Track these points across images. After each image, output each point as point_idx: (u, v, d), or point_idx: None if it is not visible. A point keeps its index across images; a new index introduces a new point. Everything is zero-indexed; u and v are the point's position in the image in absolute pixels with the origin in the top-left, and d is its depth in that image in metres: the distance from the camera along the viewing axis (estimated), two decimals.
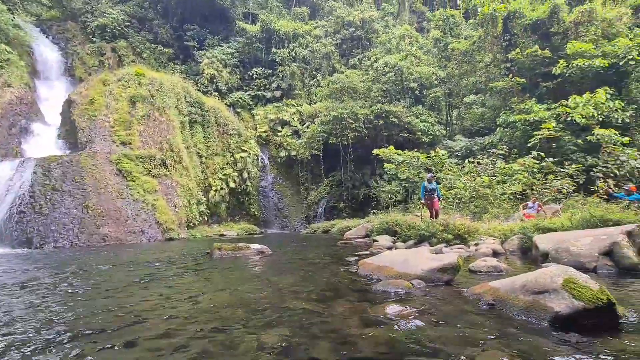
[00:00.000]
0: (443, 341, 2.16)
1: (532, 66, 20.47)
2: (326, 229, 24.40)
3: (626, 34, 18.66)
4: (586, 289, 2.57)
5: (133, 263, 7.51)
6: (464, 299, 3.27)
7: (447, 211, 14.04)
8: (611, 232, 5.32)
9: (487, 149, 20.64)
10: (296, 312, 2.92)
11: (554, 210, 11.50)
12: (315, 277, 4.80)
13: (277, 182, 36.96)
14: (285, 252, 9.47)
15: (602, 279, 4.46)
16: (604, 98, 15.98)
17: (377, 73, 29.85)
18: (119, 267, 6.87)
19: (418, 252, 4.86)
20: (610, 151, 14.89)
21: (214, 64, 39.08)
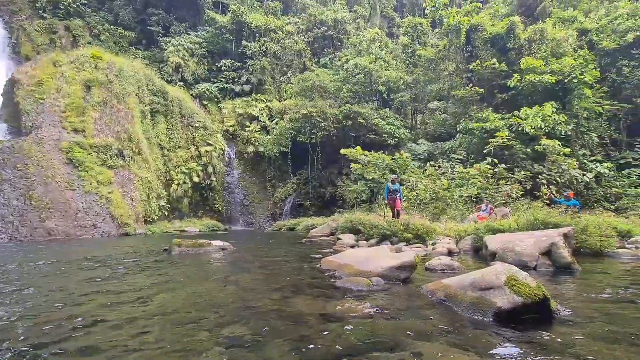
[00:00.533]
0: (396, 336, 2.26)
1: (490, 78, 21.85)
2: (292, 227, 24.36)
3: (571, 54, 20.51)
4: (525, 285, 2.80)
5: (80, 260, 7.02)
6: (418, 295, 3.44)
7: (408, 212, 14.60)
8: (550, 234, 5.84)
9: (448, 153, 21.72)
10: (254, 310, 2.90)
11: (504, 213, 12.39)
12: (277, 275, 4.79)
13: (244, 178, 36.24)
14: (249, 249, 9.34)
15: (541, 276, 4.89)
16: (550, 111, 17.46)
17: (348, 74, 30.27)
18: (63, 265, 6.38)
19: (378, 250, 5.02)
20: (554, 160, 16.33)
21: (180, 53, 37.37)
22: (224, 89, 38.88)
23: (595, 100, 20.55)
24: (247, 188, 36.11)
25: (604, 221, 7.87)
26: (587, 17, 24.76)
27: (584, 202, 16.21)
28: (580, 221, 7.48)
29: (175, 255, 7.27)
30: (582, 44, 22.52)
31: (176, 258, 6.88)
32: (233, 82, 39.29)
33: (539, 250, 5.59)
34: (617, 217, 12.34)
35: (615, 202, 17.26)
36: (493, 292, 2.83)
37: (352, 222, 10.84)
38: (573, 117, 19.07)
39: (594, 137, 20.12)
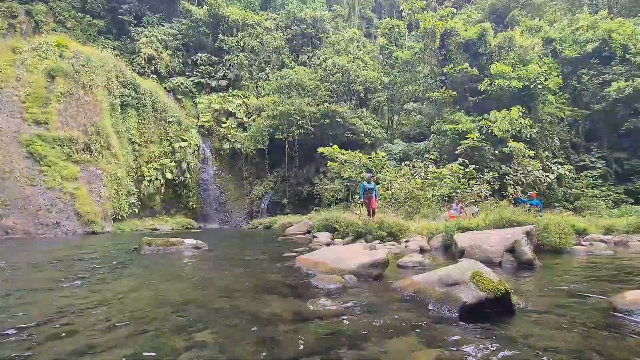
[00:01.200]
0: (365, 332, 2.31)
1: (462, 81, 22.65)
2: (268, 225, 24.18)
3: (537, 62, 21.67)
4: (489, 281, 2.94)
5: (39, 260, 6.63)
6: (389, 292, 3.53)
7: (383, 210, 14.87)
8: (514, 232, 6.17)
9: (422, 153, 22.35)
10: (225, 310, 2.87)
11: (473, 211, 12.91)
12: (251, 274, 4.76)
13: (219, 175, 35.52)
14: (223, 247, 9.19)
15: (505, 272, 5.15)
16: (517, 115, 18.38)
17: (326, 73, 30.36)
18: (18, 266, 6.01)
19: (352, 248, 5.10)
20: (520, 162, 17.22)
21: (154, 44, 35.99)
22: (200, 83, 37.87)
23: (557, 106, 21.86)
24: (223, 185, 35.42)
25: (563, 220, 8.39)
26: (551, 27, 26.24)
27: (546, 202, 17.23)
28: (542, 220, 7.95)
29: (144, 255, 7.02)
30: (546, 52, 23.84)
31: (145, 257, 6.65)
32: (209, 76, 38.34)
33: (504, 247, 5.88)
34: (575, 216, 13.22)
35: (574, 202, 18.46)
36: (459, 288, 2.95)
37: (328, 221, 10.93)
38: (538, 121, 20.18)
39: (556, 140, 21.41)
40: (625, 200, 19.11)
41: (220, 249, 8.66)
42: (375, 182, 12.69)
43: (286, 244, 9.84)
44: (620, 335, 2.30)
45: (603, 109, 21.88)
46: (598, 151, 22.12)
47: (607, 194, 19.38)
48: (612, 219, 13.00)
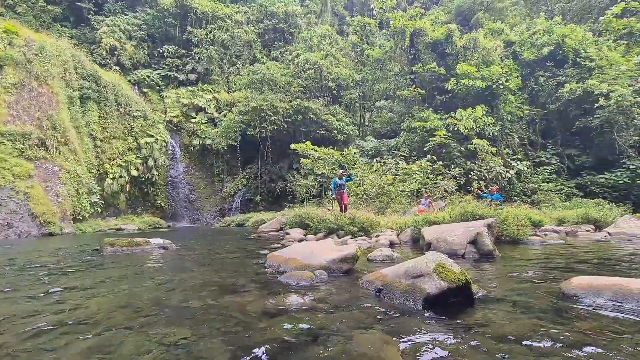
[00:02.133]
0: (333, 327, 2.35)
1: (430, 80, 23.40)
2: (241, 222, 23.84)
3: (498, 63, 22.83)
4: (451, 272, 3.08)
5: None
6: (358, 286, 3.61)
7: (356, 206, 15.12)
8: (477, 225, 6.49)
9: (393, 150, 22.90)
10: (194, 310, 2.81)
11: (441, 206, 13.45)
12: (221, 272, 4.68)
13: (189, 172, 34.43)
14: (193, 246, 8.94)
15: (467, 263, 5.43)
16: (480, 114, 19.30)
17: (298, 68, 30.21)
18: None
19: (323, 243, 5.15)
20: (483, 158, 18.12)
21: (116, 34, 34.07)
22: (167, 76, 36.38)
23: (517, 105, 23.19)
24: (193, 183, 34.39)
25: (520, 213, 8.96)
26: (512, 31, 27.70)
27: (507, 196, 18.30)
28: (502, 213, 8.43)
29: (106, 256, 6.68)
30: (507, 54, 25.16)
31: (108, 259, 6.33)
32: (177, 70, 36.93)
33: (467, 239, 6.18)
34: (532, 209, 14.14)
35: (531, 195, 19.73)
36: (423, 279, 3.07)
37: (300, 217, 10.95)
38: (499, 120, 21.30)
39: (516, 138, 22.73)
40: (576, 193, 20.70)
41: (189, 248, 8.42)
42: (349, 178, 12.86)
43: (258, 242, 9.75)
44: (566, 318, 2.50)
45: (557, 109, 23.49)
46: (553, 148, 23.77)
47: (560, 188, 20.89)
48: (564, 211, 14.06)
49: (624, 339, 2.07)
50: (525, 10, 35.67)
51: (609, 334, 2.16)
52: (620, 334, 2.14)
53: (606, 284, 3.03)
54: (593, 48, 24.17)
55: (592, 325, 2.31)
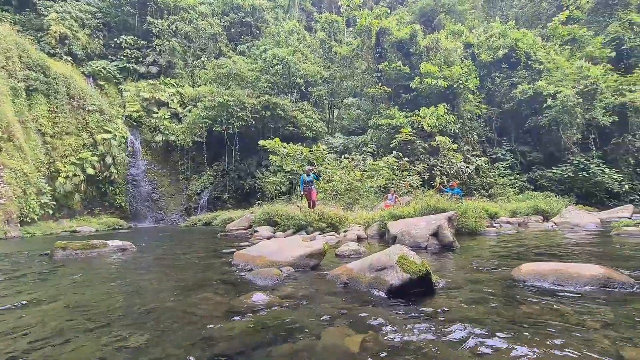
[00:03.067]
0: (298, 322, 2.37)
1: (396, 78, 24.06)
2: (208, 221, 23.20)
3: (459, 64, 23.95)
4: (412, 263, 3.22)
5: None
6: (325, 281, 3.66)
7: (325, 202, 15.24)
8: (438, 218, 6.81)
9: (361, 147, 23.32)
10: (152, 313, 2.71)
11: (406, 201, 13.92)
12: (184, 273, 4.54)
13: (152, 170, 32.84)
14: (155, 247, 8.57)
15: (430, 254, 5.69)
16: (443, 112, 20.17)
17: (266, 64, 29.77)
18: None
19: (291, 240, 5.16)
20: (445, 154, 18.97)
21: (67, 22, 31.55)
22: (126, 69, 34.33)
23: (475, 104, 24.50)
24: (156, 181, 32.86)
25: (478, 206, 9.51)
26: (471, 33, 29.13)
27: (467, 190, 19.33)
28: (462, 206, 8.91)
29: (58, 260, 6.21)
30: (467, 55, 26.45)
31: (59, 263, 5.90)
32: (137, 62, 34.95)
33: (430, 232, 6.47)
34: (489, 202, 15.07)
35: (489, 189, 21.00)
36: (387, 272, 3.18)
37: (269, 214, 10.86)
38: (460, 118, 22.41)
39: (475, 135, 24.03)
40: (528, 187, 22.34)
41: (152, 249, 8.07)
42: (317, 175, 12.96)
43: (226, 240, 9.55)
44: (515, 301, 2.71)
45: (511, 108, 25.13)
46: (507, 145, 25.43)
47: (514, 182, 22.44)
48: (517, 204, 15.14)
49: (564, 317, 2.29)
50: (483, 14, 37.69)
51: (551, 313, 2.37)
52: (561, 313, 2.36)
53: (550, 270, 3.31)
54: (542, 52, 26.07)
55: (536, 306, 2.53)
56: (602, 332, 2.00)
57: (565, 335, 1.99)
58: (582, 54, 26.54)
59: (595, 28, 29.39)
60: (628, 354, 1.70)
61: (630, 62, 26.97)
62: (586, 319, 2.23)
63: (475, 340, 1.96)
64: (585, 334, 1.98)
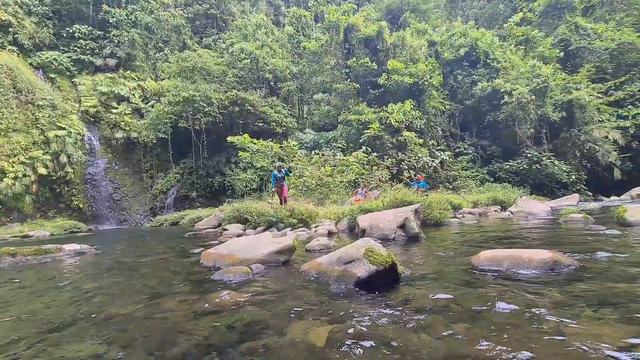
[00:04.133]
0: (267, 318, 2.37)
1: (364, 74, 24.41)
2: (175, 221, 22.39)
3: (423, 61, 24.73)
4: (379, 255, 3.31)
5: None
6: (294, 276, 3.67)
7: (296, 198, 15.23)
8: (405, 210, 7.05)
9: (331, 142, 23.49)
10: (112, 319, 2.58)
11: (376, 195, 14.25)
12: (148, 275, 4.36)
13: (112, 169, 31.05)
14: (118, 250, 8.15)
15: (397, 246, 5.87)
16: (409, 108, 20.78)
17: (233, 58, 29.01)
18: None
19: (260, 237, 5.12)
20: (412, 149, 19.59)
21: (10, 8, 28.88)
22: (80, 61, 32.07)
23: (440, 100, 25.47)
24: (117, 180, 31.14)
25: (443, 198, 9.95)
26: (434, 31, 30.14)
27: (432, 183, 20.12)
28: (427, 198, 9.27)
29: (5, 268, 5.73)
30: (431, 53, 27.36)
31: (7, 272, 5.44)
32: (92, 53, 32.74)
33: (397, 224, 6.68)
34: (453, 194, 15.80)
35: (453, 182, 22.00)
36: (354, 264, 3.25)
37: (239, 211, 10.67)
38: (425, 114, 23.21)
39: (439, 130, 25.01)
40: (488, 179, 23.67)
41: (113, 252, 7.66)
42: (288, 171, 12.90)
43: (194, 240, 9.27)
44: (473, 288, 2.88)
45: (472, 104, 26.40)
46: (469, 140, 26.74)
47: (475, 175, 23.68)
48: (478, 195, 16.00)
49: (516, 298, 2.47)
50: (446, 14, 39.13)
51: (505, 296, 2.55)
52: (513, 295, 2.55)
53: (505, 255, 3.55)
54: (499, 51, 27.56)
55: (492, 291, 2.70)
56: (550, 311, 2.18)
57: (517, 315, 2.15)
58: (535, 53, 28.38)
59: (545, 30, 31.52)
60: (572, 329, 1.88)
61: (575, 62, 29.27)
62: (536, 300, 2.42)
63: (437, 326, 2.07)
64: (536, 313, 2.16)
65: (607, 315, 2.06)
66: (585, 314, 2.09)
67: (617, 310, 2.13)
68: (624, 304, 2.22)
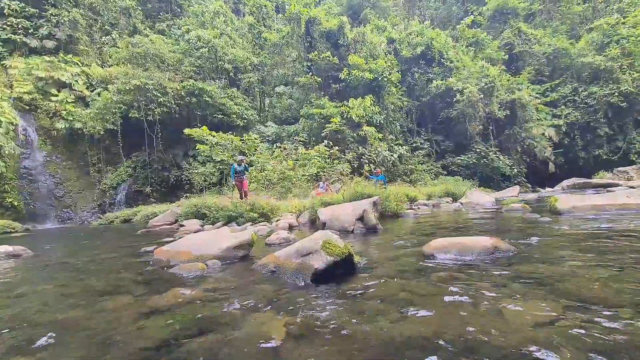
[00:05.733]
0: (221, 314, 2.32)
1: (326, 69, 24.50)
2: (127, 218, 21.05)
3: (383, 57, 25.38)
4: (336, 246, 3.38)
5: None
6: (252, 271, 3.63)
7: (258, 192, 15.01)
8: (364, 203, 7.25)
9: (293, 136, 23.37)
10: (50, 326, 2.37)
11: (337, 188, 14.48)
12: (94, 276, 4.06)
13: (53, 162, 28.29)
14: (59, 250, 7.49)
15: (355, 237, 6.04)
16: (369, 103, 21.26)
17: (190, 46, 27.60)
18: None
19: (218, 232, 4.98)
20: (372, 143, 20.12)
21: None
22: (11, 41, 28.60)
23: (398, 97, 26.37)
24: (59, 175, 28.45)
25: (400, 191, 10.37)
26: (393, 29, 30.99)
27: (391, 177, 20.88)
28: (385, 191, 9.61)
29: None
30: (390, 50, 28.14)
31: None
32: (26, 33, 29.30)
33: (356, 216, 6.86)
34: (410, 187, 16.53)
35: (410, 175, 23.00)
36: (312, 256, 3.29)
37: (196, 207, 10.29)
38: (384, 109, 23.91)
39: (398, 126, 25.94)
40: (442, 172, 25.09)
41: (53, 253, 7.02)
42: (249, 165, 12.63)
43: (147, 237, 8.77)
44: (424, 274, 3.05)
45: (428, 101, 27.67)
46: (425, 135, 28.06)
47: (430, 169, 24.97)
48: (432, 188, 16.91)
49: (460, 282, 2.67)
50: (405, 12, 40.37)
51: (451, 280, 2.74)
52: (458, 279, 2.75)
53: (452, 243, 3.80)
54: (452, 51, 29.06)
55: (440, 276, 2.89)
56: (490, 292, 2.39)
57: (461, 297, 2.33)
58: (483, 55, 30.35)
59: (493, 33, 33.79)
60: (507, 307, 2.07)
61: (518, 64, 31.79)
62: (478, 282, 2.63)
63: (389, 311, 2.17)
64: (478, 294, 2.35)
65: (536, 293, 2.30)
66: (519, 293, 2.32)
67: (544, 288, 2.38)
68: (550, 284, 2.49)
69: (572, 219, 6.12)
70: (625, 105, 27.19)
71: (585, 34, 31.68)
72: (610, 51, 27.79)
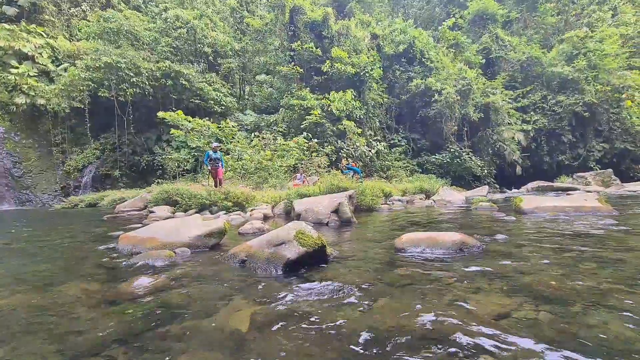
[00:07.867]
0: (188, 303, 2.25)
1: (309, 59, 24.21)
2: (93, 202, 20.05)
3: (366, 53, 25.41)
4: (309, 237, 3.38)
5: None
6: (222, 260, 3.56)
7: (234, 181, 14.74)
8: (339, 196, 7.29)
9: (272, 126, 23.03)
10: (8, 313, 2.22)
11: (314, 181, 14.48)
12: (52, 262, 3.83)
13: (11, 140, 26.42)
14: (14, 234, 7.00)
15: (330, 229, 6.07)
16: (350, 97, 21.29)
17: (167, 25, 26.34)
18: None
19: (189, 220, 4.84)
20: (351, 138, 20.22)
21: None
22: None
23: (379, 93, 26.56)
24: (18, 153, 26.66)
25: (375, 185, 10.51)
26: (377, 25, 31.05)
27: (368, 172, 21.14)
28: (361, 185, 9.71)
29: None
30: (373, 45, 28.21)
31: None
32: None
33: (331, 209, 6.89)
34: (386, 182, 16.81)
35: (387, 171, 23.37)
36: (285, 247, 3.27)
37: (167, 193, 9.93)
38: (365, 104, 24.02)
39: (377, 122, 26.20)
40: (417, 170, 25.69)
41: (7, 238, 6.55)
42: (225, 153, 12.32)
43: (113, 223, 8.39)
44: (394, 266, 3.12)
45: (407, 100, 28.08)
46: (402, 132, 28.53)
47: (406, 166, 25.49)
48: (407, 184, 17.29)
49: (429, 275, 2.74)
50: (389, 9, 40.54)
51: (420, 273, 2.81)
52: (427, 272, 2.82)
53: (422, 238, 3.90)
54: (433, 52, 29.57)
55: (410, 269, 2.96)
56: (456, 284, 2.47)
57: (428, 289, 2.39)
58: (463, 57, 31.11)
59: (472, 37, 34.68)
60: (471, 299, 2.16)
61: (494, 69, 32.89)
62: (445, 275, 2.72)
63: (359, 301, 2.20)
64: (444, 287, 2.42)
65: (498, 287, 2.40)
66: (482, 287, 2.41)
67: (506, 283, 2.49)
68: (512, 278, 2.61)
69: (535, 219, 6.47)
70: (588, 115, 28.92)
71: (557, 44, 33.20)
72: (578, 62, 29.33)
